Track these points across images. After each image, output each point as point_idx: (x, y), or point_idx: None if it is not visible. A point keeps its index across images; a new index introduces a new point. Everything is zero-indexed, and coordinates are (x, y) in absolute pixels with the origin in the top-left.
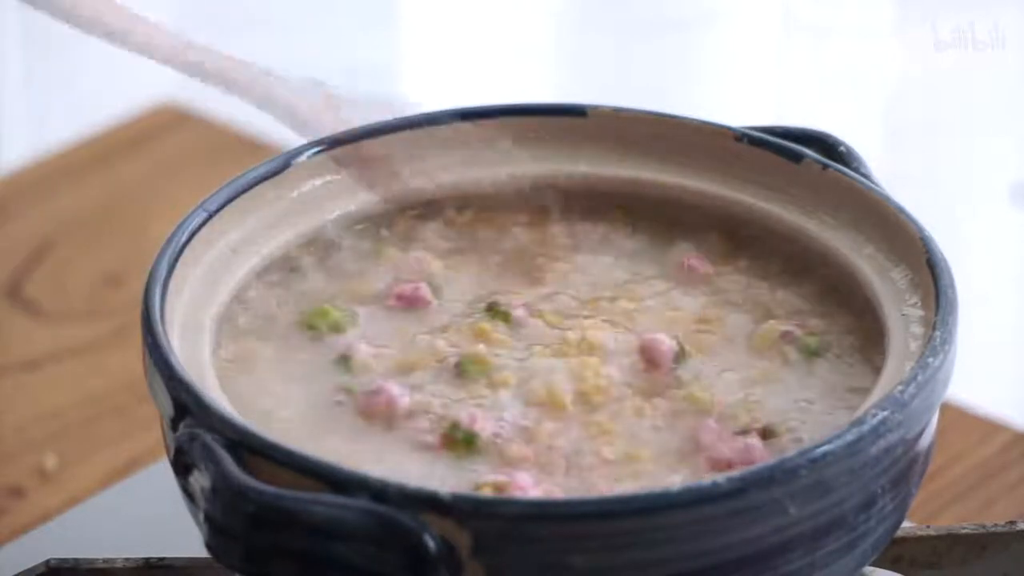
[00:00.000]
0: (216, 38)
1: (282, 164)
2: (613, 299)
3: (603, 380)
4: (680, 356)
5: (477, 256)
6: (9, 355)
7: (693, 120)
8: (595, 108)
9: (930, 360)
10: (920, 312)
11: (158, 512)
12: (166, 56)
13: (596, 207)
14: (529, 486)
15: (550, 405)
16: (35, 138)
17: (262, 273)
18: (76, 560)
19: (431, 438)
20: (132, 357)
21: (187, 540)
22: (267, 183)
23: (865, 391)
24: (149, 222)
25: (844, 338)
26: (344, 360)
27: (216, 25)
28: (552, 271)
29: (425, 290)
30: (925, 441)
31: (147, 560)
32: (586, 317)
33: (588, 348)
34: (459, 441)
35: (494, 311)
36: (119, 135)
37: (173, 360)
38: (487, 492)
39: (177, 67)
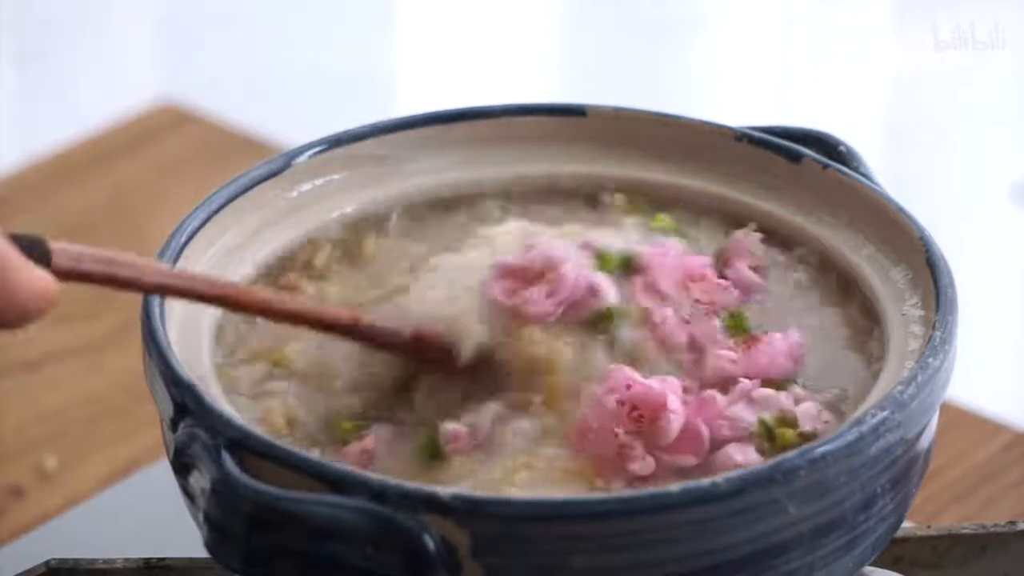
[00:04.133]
0: (216, 41)
1: (282, 164)
2: None
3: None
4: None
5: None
6: (9, 355)
7: (693, 120)
8: (595, 108)
9: (930, 360)
10: (920, 312)
11: (158, 512)
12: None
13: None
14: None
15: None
16: (34, 138)
17: (262, 273)
18: (76, 560)
19: None
20: (132, 357)
21: (187, 540)
22: (267, 183)
23: (864, 391)
24: (149, 222)
25: (844, 337)
26: None
27: (217, 29)
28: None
29: None
30: (925, 441)
31: (147, 560)
32: None
33: None
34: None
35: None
36: (119, 135)
37: (173, 360)
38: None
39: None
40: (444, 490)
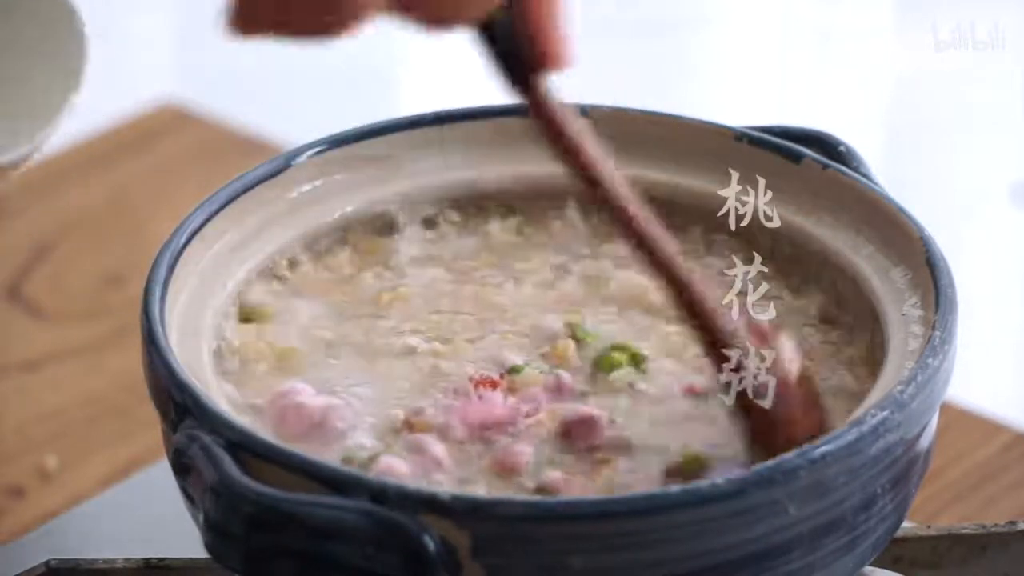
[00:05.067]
0: (217, 42)
1: (282, 164)
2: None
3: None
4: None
5: (478, 255)
6: (9, 355)
7: (693, 120)
8: (595, 108)
9: (930, 360)
10: (920, 312)
11: (158, 512)
12: None
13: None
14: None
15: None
16: None
17: (262, 273)
18: (76, 560)
19: None
20: (132, 357)
21: (187, 540)
22: (267, 183)
23: (864, 391)
24: (149, 222)
25: (843, 337)
26: None
27: (217, 26)
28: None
29: None
30: (925, 441)
31: (147, 561)
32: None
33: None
34: None
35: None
36: (119, 135)
37: (173, 361)
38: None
39: None
40: (444, 491)
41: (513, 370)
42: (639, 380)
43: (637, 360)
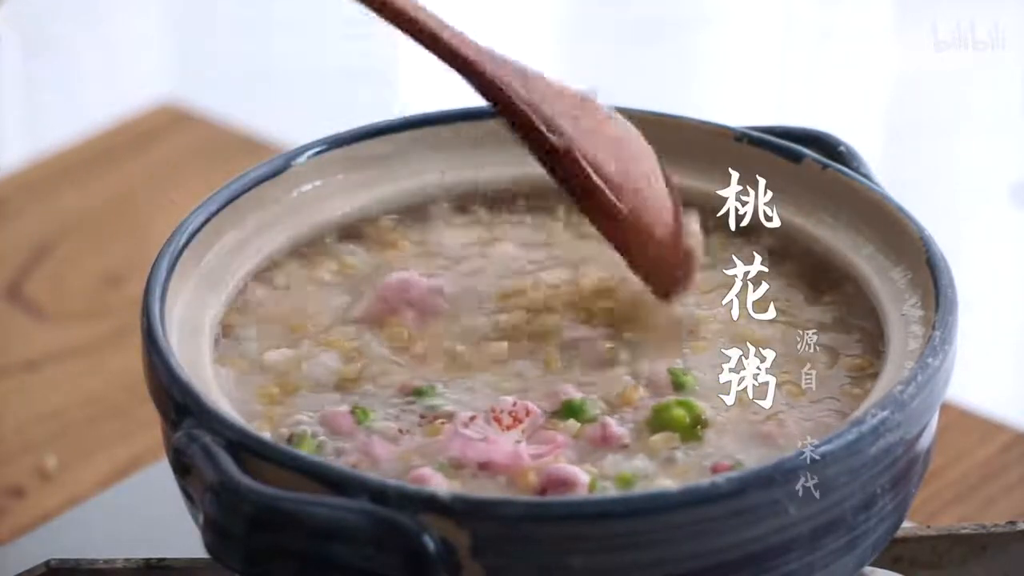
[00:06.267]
0: (217, 42)
1: (282, 165)
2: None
3: None
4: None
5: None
6: (9, 355)
7: (693, 120)
8: None
9: (930, 360)
10: (920, 312)
11: (158, 512)
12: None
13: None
14: None
15: None
16: (35, 138)
17: (262, 273)
18: (76, 560)
19: None
20: (132, 357)
21: (187, 540)
22: (267, 184)
23: (864, 391)
24: (149, 222)
25: (843, 337)
26: None
27: (217, 25)
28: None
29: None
30: (925, 441)
31: (147, 560)
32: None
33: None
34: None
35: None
36: (119, 135)
37: (172, 361)
38: None
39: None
40: (444, 491)
41: (559, 413)
42: (681, 450)
43: (695, 423)
